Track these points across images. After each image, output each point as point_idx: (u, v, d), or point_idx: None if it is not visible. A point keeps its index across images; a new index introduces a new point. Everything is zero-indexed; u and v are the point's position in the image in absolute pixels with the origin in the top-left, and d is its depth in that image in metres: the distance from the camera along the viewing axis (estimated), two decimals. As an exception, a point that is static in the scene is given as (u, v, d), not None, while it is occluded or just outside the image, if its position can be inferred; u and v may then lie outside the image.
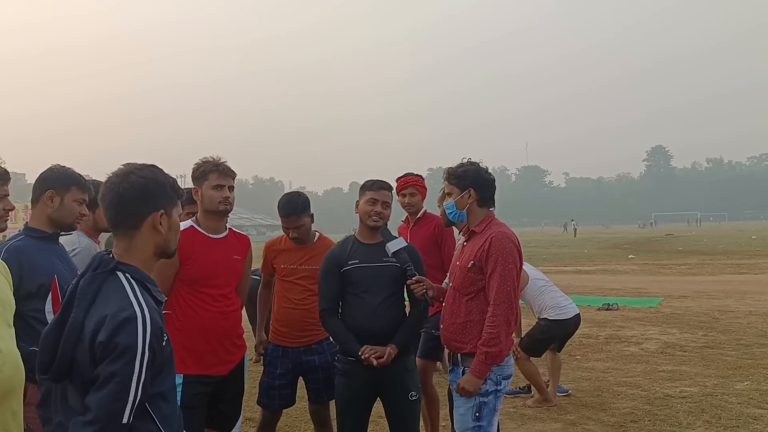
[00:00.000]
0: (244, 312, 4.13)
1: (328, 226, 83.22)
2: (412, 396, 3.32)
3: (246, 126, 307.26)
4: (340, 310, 3.37)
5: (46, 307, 2.73)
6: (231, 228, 3.48)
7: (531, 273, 5.65)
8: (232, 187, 3.36)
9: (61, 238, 3.05)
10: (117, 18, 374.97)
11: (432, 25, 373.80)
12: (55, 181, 2.93)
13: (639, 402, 5.62)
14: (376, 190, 3.39)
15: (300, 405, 4.59)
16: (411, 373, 3.38)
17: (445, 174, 3.26)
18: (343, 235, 4.30)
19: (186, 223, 3.22)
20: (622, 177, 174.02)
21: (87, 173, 3.57)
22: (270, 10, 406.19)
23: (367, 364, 3.16)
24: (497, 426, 3.33)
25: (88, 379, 1.64)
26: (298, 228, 3.76)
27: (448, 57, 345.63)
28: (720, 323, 9.52)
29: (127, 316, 1.65)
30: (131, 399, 1.62)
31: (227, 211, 3.34)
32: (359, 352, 3.18)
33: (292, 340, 3.81)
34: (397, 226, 4.63)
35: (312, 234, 3.88)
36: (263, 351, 3.99)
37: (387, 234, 3.40)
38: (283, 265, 3.85)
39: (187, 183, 3.92)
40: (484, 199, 3.20)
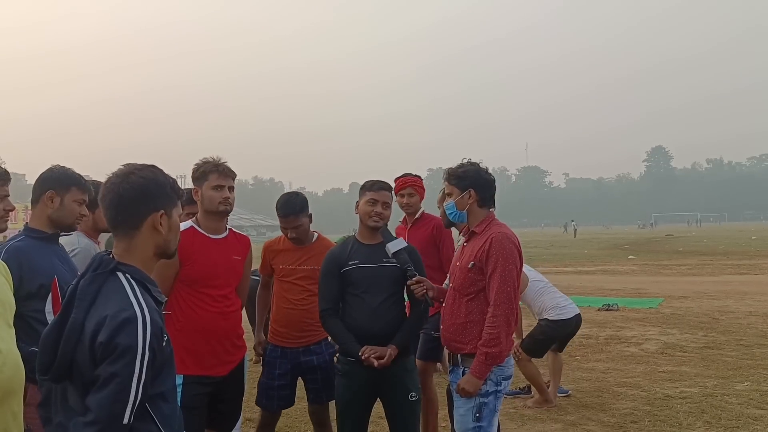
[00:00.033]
0: (244, 312, 4.13)
1: (328, 226, 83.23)
2: (412, 396, 3.32)
3: (246, 126, 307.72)
4: (340, 311, 3.37)
5: (46, 308, 2.73)
6: (231, 228, 3.48)
7: (530, 275, 5.64)
8: (232, 187, 3.36)
9: (61, 238, 3.05)
10: (117, 19, 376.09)
11: (432, 26, 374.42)
12: (55, 182, 2.93)
13: (639, 402, 5.62)
14: (376, 190, 3.38)
15: (299, 405, 4.59)
16: (411, 374, 3.38)
17: (445, 174, 3.26)
18: (342, 236, 4.30)
19: (186, 224, 3.22)
20: (622, 177, 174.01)
21: (87, 174, 3.57)
22: (270, 11, 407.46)
23: (368, 365, 3.16)
24: (497, 426, 3.33)
25: (89, 380, 1.64)
26: (297, 228, 3.76)
27: (448, 57, 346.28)
28: (720, 324, 9.52)
29: (127, 317, 1.65)
30: (132, 399, 1.62)
31: (227, 212, 3.34)
32: (359, 353, 3.18)
33: (290, 341, 3.81)
34: (395, 226, 4.62)
35: (310, 234, 3.88)
36: (262, 351, 3.99)
37: (387, 234, 3.40)
38: (281, 266, 3.85)
39: (187, 183, 3.91)
40: (484, 200, 3.19)
